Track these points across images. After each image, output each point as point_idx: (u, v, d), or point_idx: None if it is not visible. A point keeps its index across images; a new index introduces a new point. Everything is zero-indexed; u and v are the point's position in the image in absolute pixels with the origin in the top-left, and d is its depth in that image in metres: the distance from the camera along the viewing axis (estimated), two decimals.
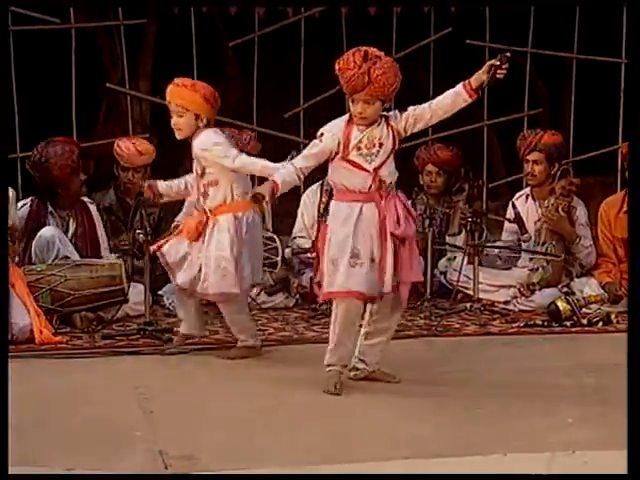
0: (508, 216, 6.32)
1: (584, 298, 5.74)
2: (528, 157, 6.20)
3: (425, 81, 7.28)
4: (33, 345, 5.01)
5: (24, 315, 5.08)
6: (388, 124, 4.24)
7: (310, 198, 6.45)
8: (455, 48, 7.44)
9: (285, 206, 6.69)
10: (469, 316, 5.75)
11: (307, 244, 6.31)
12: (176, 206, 6.11)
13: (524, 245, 6.20)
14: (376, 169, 4.21)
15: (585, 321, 5.57)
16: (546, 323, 5.60)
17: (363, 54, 4.18)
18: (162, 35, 7.90)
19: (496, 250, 6.22)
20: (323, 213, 5.95)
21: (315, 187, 6.48)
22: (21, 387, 4.33)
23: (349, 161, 4.21)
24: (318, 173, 4.81)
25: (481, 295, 5.88)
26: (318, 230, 4.37)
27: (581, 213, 6.13)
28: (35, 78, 7.42)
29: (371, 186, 4.21)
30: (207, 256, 4.73)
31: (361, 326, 4.39)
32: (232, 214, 4.74)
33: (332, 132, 4.23)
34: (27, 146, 6.71)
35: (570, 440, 3.63)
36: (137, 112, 7.49)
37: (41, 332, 5.02)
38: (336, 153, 4.22)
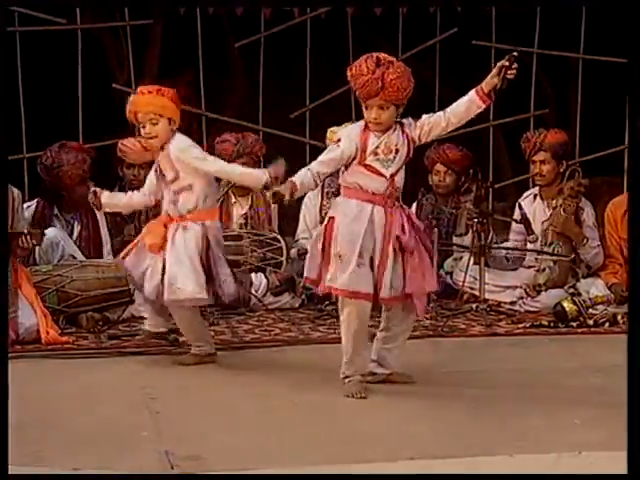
0: (515, 217, 6.32)
1: (590, 299, 5.73)
2: (534, 158, 6.20)
3: (431, 82, 7.28)
4: (40, 345, 5.02)
5: (31, 315, 5.09)
6: (403, 131, 4.23)
7: (312, 200, 6.46)
8: (461, 48, 7.44)
9: (290, 208, 6.70)
10: (475, 317, 5.74)
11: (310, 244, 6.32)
12: None
13: (530, 246, 6.19)
14: (392, 175, 4.21)
15: (591, 322, 5.56)
16: (552, 324, 5.59)
17: (375, 60, 4.16)
18: (168, 36, 7.91)
19: (504, 251, 6.21)
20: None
21: (316, 190, 6.49)
22: (28, 387, 4.34)
23: (367, 166, 4.20)
24: None
25: (487, 296, 5.87)
26: (327, 222, 4.29)
27: (589, 214, 6.12)
28: (41, 79, 7.43)
29: (386, 191, 4.20)
30: (178, 260, 4.58)
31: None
32: (201, 222, 4.63)
33: (350, 137, 4.21)
34: (33, 147, 6.74)
35: (576, 441, 3.63)
36: None
37: (48, 332, 5.03)
38: (353, 158, 4.20)
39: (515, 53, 4.19)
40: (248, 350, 5.10)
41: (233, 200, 6.28)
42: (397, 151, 4.21)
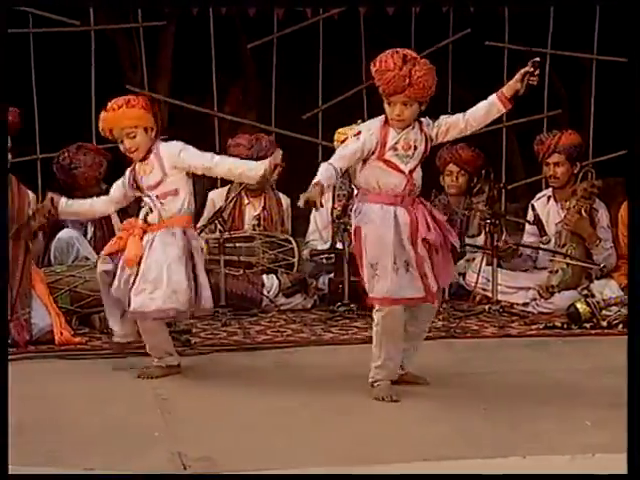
0: (528, 218, 6.30)
1: (604, 300, 5.71)
2: (549, 160, 6.18)
3: (444, 82, 7.27)
4: (53, 346, 5.03)
5: (45, 316, 5.10)
6: (421, 129, 4.19)
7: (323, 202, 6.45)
8: (474, 49, 7.43)
9: (303, 209, 6.70)
10: (488, 318, 5.73)
11: (320, 246, 6.32)
12: (199, 199, 6.14)
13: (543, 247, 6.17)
14: (411, 171, 4.18)
15: (605, 323, 5.54)
16: (565, 325, 5.57)
17: (402, 56, 4.11)
18: (181, 37, 7.93)
19: (528, 250, 6.19)
20: (339, 215, 5.94)
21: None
22: (41, 388, 4.35)
23: (385, 161, 4.15)
24: None
25: (500, 297, 5.86)
26: (354, 234, 4.24)
27: (603, 216, 6.10)
28: (55, 80, 7.46)
29: (405, 188, 4.17)
30: (154, 267, 4.41)
31: None
32: (182, 228, 4.49)
33: (370, 131, 4.16)
34: (47, 148, 6.76)
35: (589, 443, 3.61)
36: None
37: (61, 333, 5.04)
38: (372, 153, 4.15)
39: (538, 59, 4.17)
40: (260, 351, 5.10)
41: (246, 201, 6.28)
42: (416, 147, 4.18)
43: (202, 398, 4.26)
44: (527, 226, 6.36)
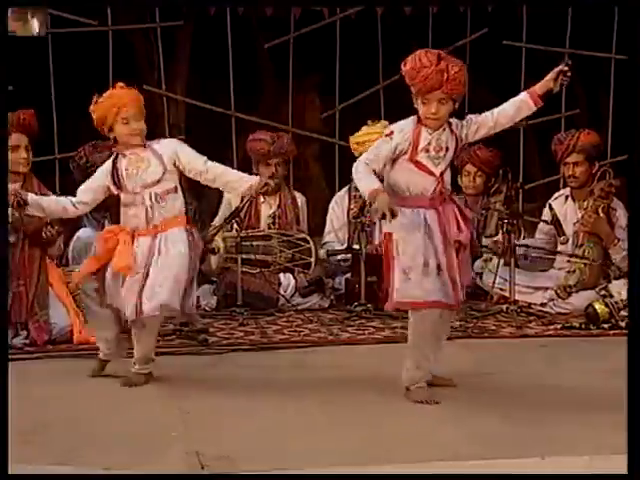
0: (544, 217, 6.28)
1: (622, 301, 5.68)
2: (567, 160, 6.16)
3: None
4: (71, 345, 5.05)
5: (64, 315, 5.11)
6: (451, 130, 4.15)
7: (338, 204, 6.46)
8: (491, 49, 7.40)
9: (320, 209, 6.71)
10: (505, 318, 5.71)
11: (337, 246, 6.32)
12: (214, 199, 6.13)
13: (561, 247, 6.15)
14: (442, 173, 4.12)
15: (623, 324, 5.51)
16: (584, 325, 5.56)
17: (435, 53, 4.08)
18: (198, 36, 7.93)
19: (521, 250, 6.17)
20: (356, 215, 5.94)
21: (343, 192, 6.49)
22: (59, 386, 4.37)
23: (416, 162, 4.10)
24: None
25: (517, 297, 5.84)
26: (384, 238, 4.19)
27: (621, 215, 6.06)
28: (72, 80, 7.47)
29: (435, 191, 4.11)
30: (162, 270, 4.25)
31: None
32: (186, 228, 4.35)
33: (403, 131, 4.10)
34: (65, 148, 6.78)
35: (607, 444, 3.60)
36: (173, 114, 7.53)
37: (80, 332, 5.06)
38: (404, 153, 4.10)
39: (569, 61, 4.16)
40: (277, 351, 5.10)
41: (262, 199, 6.27)
42: (447, 149, 4.13)
43: (219, 397, 4.27)
44: (540, 225, 6.34)
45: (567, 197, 6.27)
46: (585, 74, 8.08)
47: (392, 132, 4.11)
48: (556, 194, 6.44)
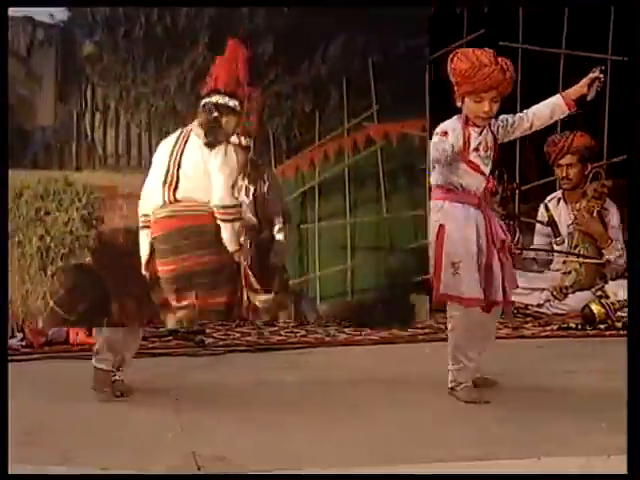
0: (540, 218, 6.28)
1: (618, 301, 5.69)
2: (561, 161, 6.17)
3: None
4: (68, 346, 5.04)
5: None
6: (491, 130, 4.15)
7: None
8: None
9: None
10: (502, 319, 5.70)
11: None
12: None
13: (557, 248, 6.16)
14: (490, 172, 4.15)
15: (620, 324, 5.52)
16: (580, 326, 5.56)
17: (491, 53, 4.10)
18: None
19: (532, 254, 6.19)
20: None
21: None
22: (56, 387, 4.36)
23: (469, 162, 4.10)
24: None
25: (514, 298, 5.83)
26: (434, 231, 4.14)
27: (614, 215, 6.08)
28: None
29: (484, 190, 4.13)
30: None
31: None
32: None
33: (456, 131, 4.07)
34: None
35: (604, 444, 3.60)
36: None
37: (77, 334, 5.06)
38: (456, 153, 4.07)
39: (603, 67, 4.17)
40: (274, 352, 5.10)
41: None
42: (491, 149, 4.14)
43: (216, 398, 4.27)
44: (538, 226, 6.35)
45: (559, 199, 6.28)
46: (581, 75, 8.10)
47: (446, 132, 4.06)
48: (550, 196, 6.44)
